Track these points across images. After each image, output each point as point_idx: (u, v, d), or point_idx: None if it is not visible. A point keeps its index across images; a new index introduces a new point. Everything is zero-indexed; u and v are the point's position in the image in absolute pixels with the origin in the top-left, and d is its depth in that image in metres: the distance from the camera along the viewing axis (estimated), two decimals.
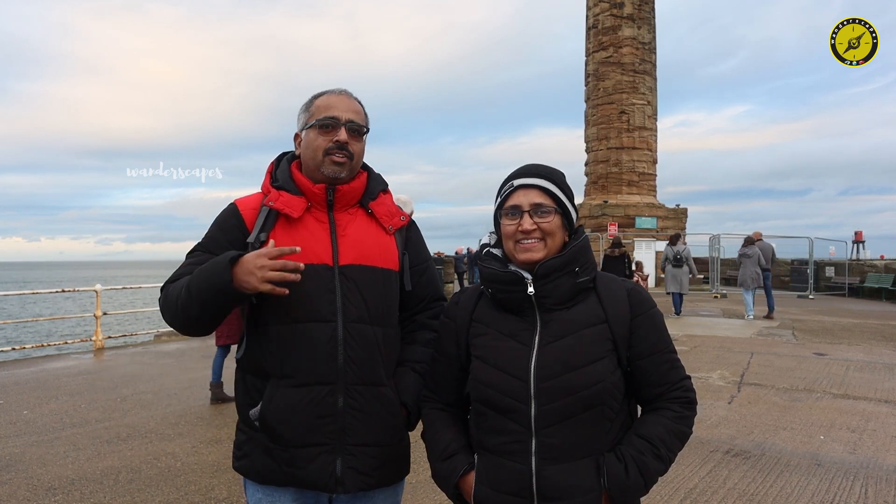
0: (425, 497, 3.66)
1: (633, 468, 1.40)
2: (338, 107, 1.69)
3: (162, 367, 8.06)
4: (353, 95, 1.76)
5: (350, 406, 1.61)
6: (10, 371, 7.97)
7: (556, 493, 1.41)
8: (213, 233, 1.70)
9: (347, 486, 1.61)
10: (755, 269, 13.20)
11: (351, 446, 1.62)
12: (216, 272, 1.49)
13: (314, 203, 1.69)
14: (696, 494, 3.74)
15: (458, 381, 1.60)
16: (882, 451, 4.61)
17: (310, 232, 1.66)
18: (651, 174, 27.63)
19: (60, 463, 4.34)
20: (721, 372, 7.52)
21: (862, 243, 31.10)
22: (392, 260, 1.74)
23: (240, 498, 3.71)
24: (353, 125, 1.69)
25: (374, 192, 1.77)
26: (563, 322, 1.47)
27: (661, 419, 1.48)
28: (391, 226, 1.76)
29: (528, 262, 1.48)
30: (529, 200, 1.49)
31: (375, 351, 1.66)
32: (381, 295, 1.70)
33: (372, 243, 1.71)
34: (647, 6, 27.25)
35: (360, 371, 1.63)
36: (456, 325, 1.60)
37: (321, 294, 1.62)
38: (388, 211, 1.78)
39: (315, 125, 1.68)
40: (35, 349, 10.34)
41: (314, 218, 1.68)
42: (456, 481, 1.52)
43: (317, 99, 1.73)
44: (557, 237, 1.50)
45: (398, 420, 1.70)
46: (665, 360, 1.51)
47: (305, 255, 1.61)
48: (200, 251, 1.69)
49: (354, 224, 1.71)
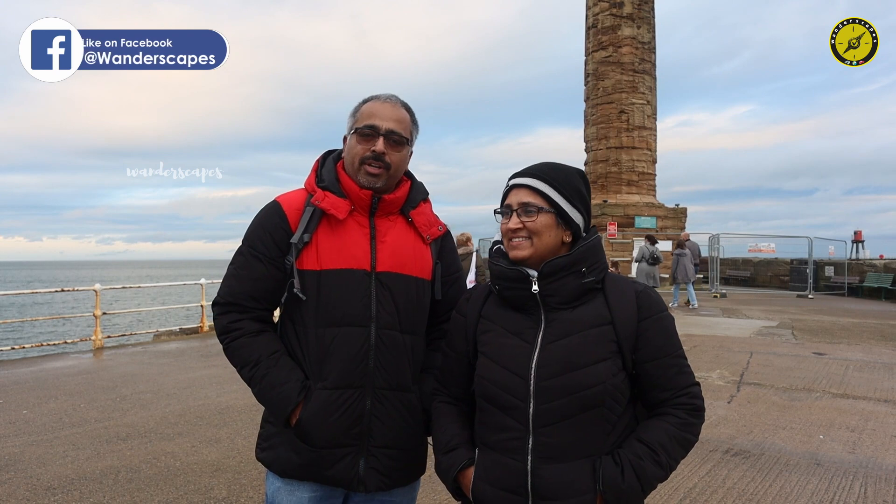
0: (425, 497, 3.66)
1: (629, 472, 1.39)
2: (380, 115, 1.69)
3: (161, 367, 8.05)
4: (400, 102, 1.75)
5: (376, 409, 1.66)
6: (9, 370, 7.97)
7: (551, 492, 1.41)
8: (257, 232, 1.72)
9: (368, 486, 1.66)
10: (692, 266, 15.12)
11: (374, 448, 1.66)
12: (278, 411, 1.64)
13: (358, 207, 1.70)
14: (695, 494, 3.74)
15: (466, 376, 1.62)
16: (881, 450, 4.61)
17: (351, 236, 1.68)
18: (651, 174, 27.62)
19: (60, 462, 4.34)
20: (720, 371, 7.52)
21: (861, 243, 31.10)
22: (426, 269, 1.77)
23: (239, 497, 3.72)
24: (393, 135, 1.68)
25: (415, 201, 1.79)
26: (567, 321, 1.47)
27: (665, 425, 1.46)
28: (429, 235, 1.78)
29: (515, 260, 1.50)
30: (518, 199, 1.51)
31: (404, 357, 1.70)
32: (414, 304, 1.73)
33: (409, 252, 1.73)
34: (647, 6, 27.23)
35: (389, 376, 1.67)
36: (465, 320, 1.61)
37: (358, 299, 1.65)
38: (428, 221, 1.80)
39: (356, 132, 1.69)
40: (34, 349, 10.33)
41: (356, 222, 1.70)
42: (455, 475, 1.53)
43: (364, 104, 1.73)
44: (546, 236, 1.50)
45: (419, 425, 1.75)
46: (672, 364, 1.50)
47: (345, 259, 1.65)
48: (247, 253, 1.71)
49: (394, 231, 1.73)
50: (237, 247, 1.76)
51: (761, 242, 24.16)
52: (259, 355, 1.65)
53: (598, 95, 27.39)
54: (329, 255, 1.65)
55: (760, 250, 24.20)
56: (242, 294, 1.69)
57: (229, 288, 1.71)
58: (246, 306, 1.69)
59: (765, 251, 24.26)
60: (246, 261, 1.70)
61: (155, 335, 11.54)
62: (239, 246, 1.75)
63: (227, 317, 1.70)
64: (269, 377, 1.63)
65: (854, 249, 30.14)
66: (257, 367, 1.64)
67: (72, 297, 43.20)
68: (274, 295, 1.71)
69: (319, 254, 1.65)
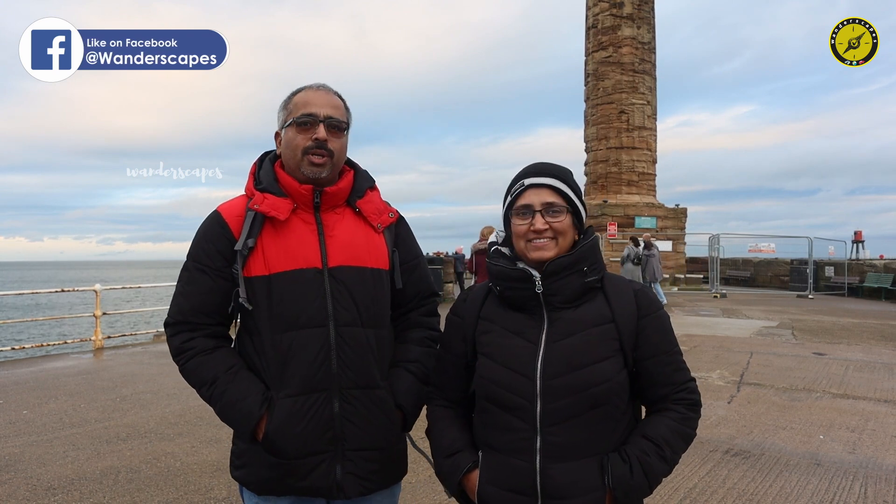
0: (425, 497, 3.66)
1: (637, 468, 1.41)
2: (315, 102, 1.64)
3: (161, 367, 8.05)
4: (331, 89, 1.70)
5: (346, 411, 1.60)
6: (9, 371, 7.97)
7: (560, 491, 1.41)
8: (200, 244, 1.66)
9: (348, 492, 1.60)
10: (660, 266, 15.76)
11: (349, 451, 1.60)
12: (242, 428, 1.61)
13: (300, 204, 1.64)
14: (695, 494, 3.74)
15: (463, 378, 1.61)
16: (881, 450, 4.61)
17: (297, 235, 1.62)
18: (651, 174, 27.63)
19: (60, 463, 4.34)
20: (720, 371, 7.52)
21: (861, 243, 31.11)
22: (382, 259, 1.71)
23: (239, 498, 3.71)
24: (332, 121, 1.63)
25: (361, 190, 1.72)
26: (570, 321, 1.48)
27: (666, 420, 1.48)
28: (380, 224, 1.72)
29: (539, 261, 1.48)
30: (541, 200, 1.49)
31: (369, 354, 1.64)
32: (372, 296, 1.66)
33: (361, 243, 1.67)
34: (647, 6, 27.25)
35: (355, 375, 1.61)
36: (463, 322, 1.60)
37: (312, 299, 1.59)
38: (376, 209, 1.73)
39: (293, 123, 1.63)
40: (34, 349, 10.33)
41: (301, 220, 1.64)
42: (459, 479, 1.52)
43: (295, 95, 1.68)
44: (568, 236, 1.51)
45: (394, 422, 1.69)
46: (671, 361, 1.52)
47: (294, 260, 1.59)
48: (192, 268, 1.66)
49: (342, 224, 1.67)
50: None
51: (761, 242, 24.18)
52: (215, 373, 1.60)
53: (598, 95, 27.40)
54: (277, 258, 1.59)
55: (760, 250, 24.22)
56: (191, 311, 1.63)
57: (178, 307, 1.65)
58: (197, 323, 1.64)
59: (765, 251, 24.28)
60: (191, 276, 1.64)
61: (155, 335, 11.53)
62: (184, 262, 1.69)
63: (178, 337, 1.64)
64: (228, 394, 1.57)
65: (854, 249, 30.15)
66: (215, 386, 1.59)
67: (72, 297, 43.20)
68: (225, 308, 1.65)
69: (267, 258, 1.59)
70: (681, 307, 15.79)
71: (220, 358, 1.63)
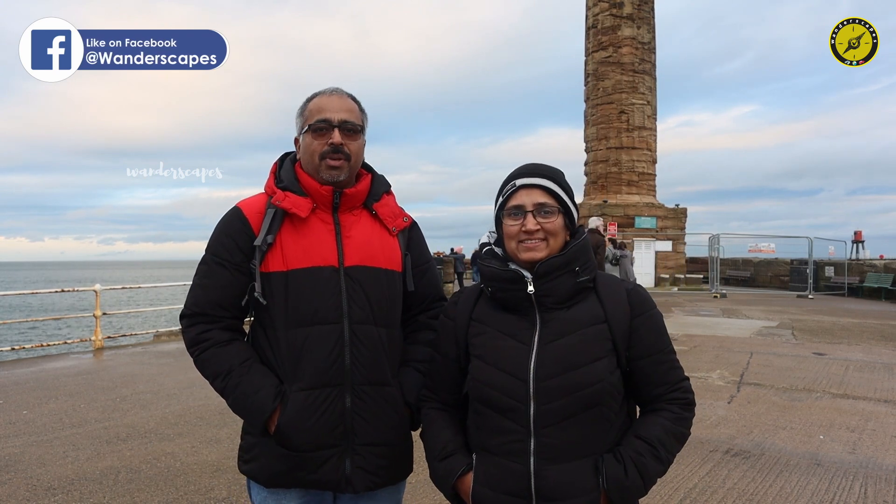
0: (425, 497, 3.66)
1: (632, 469, 1.40)
2: (329, 108, 1.68)
3: (161, 367, 8.05)
4: (345, 93, 1.74)
5: (357, 407, 1.63)
6: (9, 371, 7.97)
7: (555, 493, 1.41)
8: (220, 239, 1.69)
9: (356, 486, 1.63)
10: (632, 267, 15.82)
11: (359, 446, 1.64)
12: (255, 420, 1.62)
13: (320, 204, 1.69)
14: (695, 494, 3.75)
15: (456, 381, 1.60)
16: (882, 450, 4.61)
17: (316, 233, 1.66)
18: (650, 174, 27.64)
19: (60, 463, 4.34)
20: (720, 372, 7.52)
21: (861, 243, 31.11)
22: (395, 261, 1.75)
23: (239, 498, 3.71)
24: (346, 125, 1.67)
25: (377, 193, 1.77)
26: (562, 321, 1.47)
27: (661, 420, 1.47)
28: (395, 227, 1.76)
29: (530, 262, 1.48)
30: (533, 200, 1.49)
31: (381, 351, 1.68)
32: (386, 296, 1.71)
33: (376, 244, 1.72)
34: (647, 6, 27.25)
35: (367, 371, 1.65)
36: (455, 324, 1.59)
37: (328, 296, 1.63)
38: (392, 212, 1.78)
39: (309, 129, 1.68)
40: (34, 349, 10.33)
41: (319, 219, 1.68)
42: (453, 481, 1.51)
43: (310, 102, 1.72)
44: (560, 237, 1.50)
45: (403, 419, 1.72)
46: (664, 360, 1.51)
47: (312, 257, 1.63)
48: (211, 261, 1.69)
49: (359, 225, 1.72)
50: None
51: (761, 242, 24.19)
52: (230, 365, 1.62)
53: (598, 96, 27.41)
54: (295, 254, 1.63)
55: (760, 250, 24.24)
56: (209, 303, 1.66)
57: (195, 298, 1.68)
58: (214, 316, 1.67)
59: (765, 251, 24.30)
60: (210, 269, 1.68)
61: (155, 335, 11.54)
62: (202, 256, 1.72)
63: (195, 328, 1.67)
64: (242, 386, 1.60)
65: (854, 250, 30.15)
66: (229, 378, 1.61)
67: (73, 297, 43.20)
68: (241, 302, 1.69)
69: (285, 254, 1.63)
70: (681, 307, 15.79)
71: (235, 350, 1.66)
